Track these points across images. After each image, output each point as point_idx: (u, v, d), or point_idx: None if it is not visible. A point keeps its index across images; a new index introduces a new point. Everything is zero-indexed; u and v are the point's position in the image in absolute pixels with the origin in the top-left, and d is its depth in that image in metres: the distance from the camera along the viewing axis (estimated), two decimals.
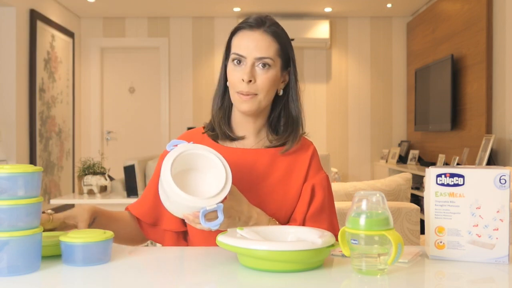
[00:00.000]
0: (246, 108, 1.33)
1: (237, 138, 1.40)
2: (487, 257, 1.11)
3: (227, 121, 1.41)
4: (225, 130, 1.39)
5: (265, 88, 1.32)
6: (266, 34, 1.33)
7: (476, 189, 1.12)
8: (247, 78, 1.30)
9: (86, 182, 3.88)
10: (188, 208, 1.13)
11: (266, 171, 1.37)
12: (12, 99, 4.86)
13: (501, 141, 4.22)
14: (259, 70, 1.32)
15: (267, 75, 1.32)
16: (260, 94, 1.32)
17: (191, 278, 1.07)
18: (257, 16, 1.35)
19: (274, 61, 1.33)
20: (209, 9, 6.31)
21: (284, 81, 1.40)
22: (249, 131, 1.40)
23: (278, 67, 1.35)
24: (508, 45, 4.13)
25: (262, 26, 1.33)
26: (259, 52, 1.31)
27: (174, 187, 1.12)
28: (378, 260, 1.01)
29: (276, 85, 1.36)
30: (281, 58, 1.36)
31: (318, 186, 1.38)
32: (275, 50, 1.33)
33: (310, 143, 1.46)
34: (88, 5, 6.07)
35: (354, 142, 6.71)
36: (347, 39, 6.69)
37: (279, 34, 1.35)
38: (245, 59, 1.32)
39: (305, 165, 1.39)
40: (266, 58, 1.31)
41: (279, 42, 1.34)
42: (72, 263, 1.08)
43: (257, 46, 1.31)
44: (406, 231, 2.58)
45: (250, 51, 1.31)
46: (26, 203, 1.02)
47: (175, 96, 6.65)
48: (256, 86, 1.32)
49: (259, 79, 1.32)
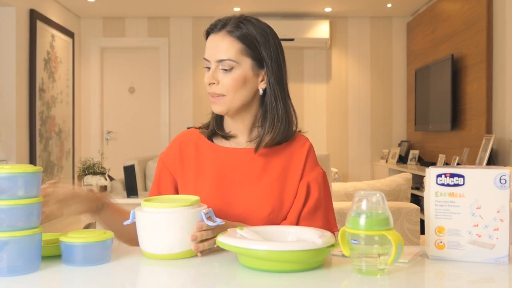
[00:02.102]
0: (216, 109, 1.36)
1: (227, 136, 1.41)
2: (487, 257, 1.11)
3: (219, 120, 1.44)
4: (214, 129, 1.42)
5: (231, 89, 1.33)
6: (228, 35, 1.33)
7: (476, 189, 1.12)
8: (208, 81, 1.34)
9: (86, 182, 3.88)
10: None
11: (261, 170, 1.37)
12: (12, 99, 4.86)
13: (501, 141, 4.22)
14: (222, 71, 1.33)
15: (231, 76, 1.33)
16: (228, 94, 1.33)
17: (191, 278, 1.07)
18: (223, 18, 1.37)
19: (237, 62, 1.32)
20: (209, 9, 6.31)
21: (263, 80, 1.38)
22: (239, 130, 1.41)
23: (247, 67, 1.34)
24: (508, 45, 4.13)
25: (225, 28, 1.33)
26: (219, 54, 1.32)
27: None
28: (378, 260, 1.01)
29: (249, 85, 1.35)
30: (251, 57, 1.34)
31: (313, 183, 1.38)
32: (238, 50, 1.32)
33: (305, 139, 1.45)
34: (88, 5, 6.07)
35: (354, 142, 6.71)
36: (347, 39, 6.69)
37: (245, 34, 1.33)
38: (209, 63, 1.35)
39: (301, 162, 1.40)
40: (226, 60, 1.32)
41: (243, 42, 1.33)
42: (72, 263, 1.08)
43: (217, 49, 1.33)
44: (406, 231, 2.58)
45: (212, 54, 1.34)
46: (26, 203, 1.02)
47: (175, 96, 6.65)
48: (221, 87, 1.33)
49: (223, 81, 1.33)
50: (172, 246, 1.13)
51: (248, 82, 1.35)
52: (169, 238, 1.13)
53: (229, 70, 1.32)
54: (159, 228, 1.13)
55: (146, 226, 1.15)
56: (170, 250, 1.13)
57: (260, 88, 1.37)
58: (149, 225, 1.14)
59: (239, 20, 1.35)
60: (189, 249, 1.14)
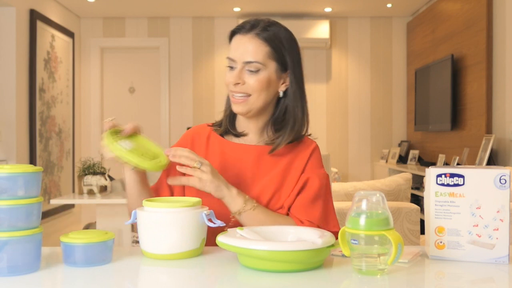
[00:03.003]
0: (238, 109, 1.40)
1: (239, 134, 1.46)
2: (487, 257, 1.11)
3: (232, 118, 1.49)
4: (228, 126, 1.47)
5: (255, 90, 1.37)
6: (257, 38, 1.36)
7: (476, 189, 1.12)
8: (233, 81, 1.37)
9: (86, 182, 3.88)
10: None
11: (266, 167, 1.42)
12: (12, 99, 4.86)
13: (501, 141, 4.22)
14: (248, 73, 1.37)
15: (256, 77, 1.36)
16: (253, 95, 1.37)
17: (192, 278, 1.07)
18: (250, 19, 1.40)
19: (264, 64, 1.36)
20: (209, 9, 6.31)
21: (284, 83, 1.43)
22: (250, 129, 1.46)
23: (272, 70, 1.38)
24: (508, 45, 4.13)
25: (253, 30, 1.37)
26: (247, 56, 1.36)
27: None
28: (378, 260, 1.01)
29: (272, 87, 1.40)
30: (276, 60, 1.39)
31: (313, 177, 1.41)
32: (265, 53, 1.37)
33: (312, 141, 1.50)
34: (88, 5, 6.07)
35: (354, 142, 6.71)
36: (347, 39, 6.69)
37: (272, 37, 1.37)
38: (235, 62, 1.38)
39: (304, 160, 1.44)
40: (254, 62, 1.36)
41: (271, 45, 1.37)
42: (73, 264, 1.08)
43: (245, 50, 1.36)
44: (406, 231, 2.58)
45: (240, 55, 1.37)
46: (26, 203, 1.02)
47: (175, 96, 6.65)
48: (246, 87, 1.37)
49: (248, 82, 1.37)
50: (173, 246, 1.13)
51: (271, 84, 1.39)
52: (170, 238, 1.13)
53: (255, 72, 1.36)
54: (160, 228, 1.14)
55: (147, 226, 1.15)
56: (171, 250, 1.13)
57: (280, 90, 1.42)
58: (150, 224, 1.15)
59: (267, 24, 1.39)
60: (189, 249, 1.15)
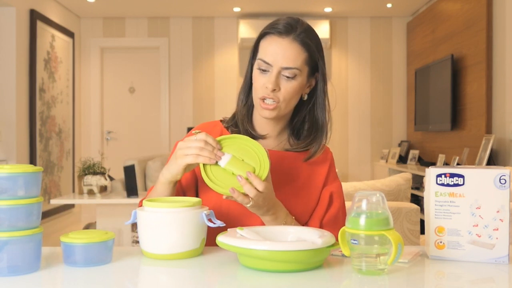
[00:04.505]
0: (266, 115, 1.32)
1: (259, 136, 1.39)
2: (487, 257, 1.11)
3: (250, 118, 1.40)
4: (248, 128, 1.38)
5: (288, 97, 1.30)
6: (295, 42, 1.28)
7: (476, 189, 1.12)
8: (272, 87, 1.28)
9: (86, 182, 3.88)
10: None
11: (288, 175, 1.36)
12: (12, 99, 4.86)
13: (501, 141, 4.22)
14: (284, 79, 1.29)
15: (292, 84, 1.29)
16: (283, 102, 1.30)
17: (192, 278, 1.07)
18: (287, 21, 1.30)
19: (301, 70, 1.30)
20: (209, 9, 6.31)
21: (310, 86, 1.37)
22: (269, 132, 1.39)
23: (305, 75, 1.32)
24: (508, 45, 4.13)
25: (292, 33, 1.28)
26: (286, 62, 1.27)
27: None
28: (378, 260, 1.01)
29: (300, 92, 1.34)
30: (309, 65, 1.32)
31: (335, 194, 1.39)
32: (303, 59, 1.29)
33: (328, 150, 1.46)
34: (88, 5, 6.07)
35: (354, 142, 6.71)
36: (347, 39, 6.69)
37: (309, 42, 1.30)
38: (271, 67, 1.29)
39: (324, 173, 1.41)
40: (293, 68, 1.28)
41: (308, 50, 1.30)
42: (73, 264, 1.08)
43: (284, 56, 1.27)
44: (406, 231, 2.58)
45: (277, 59, 1.28)
46: (26, 203, 1.02)
47: (175, 96, 6.65)
48: (280, 94, 1.29)
49: (284, 88, 1.29)
50: (173, 246, 1.13)
51: (301, 90, 1.34)
52: (170, 238, 1.13)
53: (292, 77, 1.29)
54: (160, 228, 1.14)
55: (147, 226, 1.15)
56: (171, 250, 1.13)
57: (305, 93, 1.37)
58: (150, 224, 1.15)
59: (305, 27, 1.31)
60: (189, 249, 1.15)
